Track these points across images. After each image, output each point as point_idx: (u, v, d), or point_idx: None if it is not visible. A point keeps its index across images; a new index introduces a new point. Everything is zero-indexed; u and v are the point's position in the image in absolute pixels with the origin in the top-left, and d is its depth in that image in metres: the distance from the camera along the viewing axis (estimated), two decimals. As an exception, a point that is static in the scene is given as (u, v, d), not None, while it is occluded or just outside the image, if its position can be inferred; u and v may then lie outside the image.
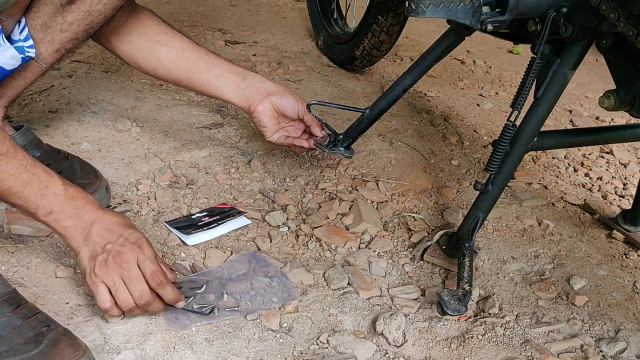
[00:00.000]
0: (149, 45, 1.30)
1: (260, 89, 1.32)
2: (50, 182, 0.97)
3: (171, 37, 1.31)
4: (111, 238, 0.97)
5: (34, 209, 0.96)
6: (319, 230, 1.27)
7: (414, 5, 1.02)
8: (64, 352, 0.87)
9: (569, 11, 1.02)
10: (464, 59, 2.31)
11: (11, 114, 1.56)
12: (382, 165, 1.54)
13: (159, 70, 1.32)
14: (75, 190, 0.99)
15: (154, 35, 1.30)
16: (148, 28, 1.30)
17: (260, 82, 1.33)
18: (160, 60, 1.30)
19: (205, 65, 1.32)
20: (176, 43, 1.31)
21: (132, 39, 1.29)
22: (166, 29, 1.31)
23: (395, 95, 1.38)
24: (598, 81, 2.28)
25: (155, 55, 1.30)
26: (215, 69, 1.32)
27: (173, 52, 1.30)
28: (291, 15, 2.64)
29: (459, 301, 1.01)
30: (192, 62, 1.31)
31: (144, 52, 1.30)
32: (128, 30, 1.28)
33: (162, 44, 1.30)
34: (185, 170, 1.43)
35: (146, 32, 1.29)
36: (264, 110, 1.32)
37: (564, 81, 1.09)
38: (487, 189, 1.14)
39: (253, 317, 1.05)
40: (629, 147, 1.77)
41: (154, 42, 1.30)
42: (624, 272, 1.24)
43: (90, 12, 1.13)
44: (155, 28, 1.30)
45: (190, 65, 1.31)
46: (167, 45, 1.30)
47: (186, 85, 1.35)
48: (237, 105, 1.34)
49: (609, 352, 1.04)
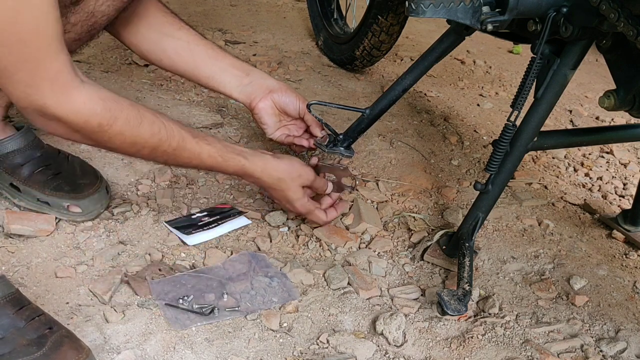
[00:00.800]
0: (155, 36, 1.29)
1: (262, 86, 1.33)
2: (215, 166, 1.11)
3: (177, 29, 1.30)
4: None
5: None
6: (319, 230, 1.27)
7: (414, 5, 1.02)
8: (67, 354, 0.87)
9: (569, 11, 1.02)
10: (464, 59, 2.31)
11: (11, 114, 1.55)
12: (382, 165, 1.54)
13: (164, 61, 1.32)
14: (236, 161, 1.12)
15: (160, 26, 1.29)
16: (155, 19, 1.29)
17: (262, 79, 1.34)
18: (165, 52, 1.30)
19: (210, 59, 1.32)
20: (182, 35, 1.30)
21: (139, 29, 1.28)
22: (173, 20, 1.31)
23: (395, 95, 1.38)
24: (598, 81, 2.28)
25: (161, 46, 1.30)
26: (220, 63, 1.33)
27: (178, 45, 1.30)
28: (291, 15, 2.64)
29: (459, 301, 1.02)
30: (197, 55, 1.31)
31: (150, 42, 1.30)
32: (135, 20, 1.27)
33: (169, 36, 1.30)
34: (185, 170, 1.43)
35: (153, 22, 1.29)
36: (264, 107, 1.32)
37: (564, 81, 1.09)
38: (487, 189, 1.14)
39: (253, 317, 1.05)
40: (629, 147, 1.77)
41: (160, 34, 1.29)
42: (624, 272, 1.25)
43: (94, 14, 1.13)
44: (162, 19, 1.30)
45: (194, 58, 1.31)
46: (173, 37, 1.30)
47: (189, 77, 1.35)
48: (239, 100, 1.35)
49: (609, 352, 1.04)
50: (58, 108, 0.89)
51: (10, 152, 1.21)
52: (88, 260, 1.14)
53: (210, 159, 1.09)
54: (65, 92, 0.89)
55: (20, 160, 1.22)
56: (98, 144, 0.99)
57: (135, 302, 1.06)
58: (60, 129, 0.94)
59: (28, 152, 1.23)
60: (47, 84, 0.87)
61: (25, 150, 1.22)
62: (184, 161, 1.07)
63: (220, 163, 1.11)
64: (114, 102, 0.95)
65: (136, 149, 1.01)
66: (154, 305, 1.05)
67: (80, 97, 0.90)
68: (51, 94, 0.88)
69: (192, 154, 1.06)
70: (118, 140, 0.97)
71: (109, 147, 1.00)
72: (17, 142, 1.22)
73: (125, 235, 1.21)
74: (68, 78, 0.89)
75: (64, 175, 1.24)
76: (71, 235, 1.19)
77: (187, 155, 1.06)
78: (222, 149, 1.10)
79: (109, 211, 1.26)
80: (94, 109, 0.92)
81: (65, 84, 0.89)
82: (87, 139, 0.97)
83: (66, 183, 1.22)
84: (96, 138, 0.96)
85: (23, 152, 1.22)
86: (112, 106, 0.94)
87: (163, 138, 1.01)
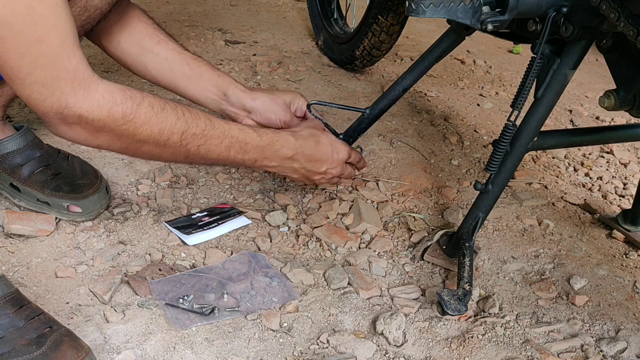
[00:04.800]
0: (135, 49, 1.27)
1: (240, 107, 1.30)
2: (247, 138, 1.08)
3: (156, 43, 1.27)
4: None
5: (240, 162, 1.10)
6: (319, 230, 1.27)
7: (414, 5, 1.02)
8: (66, 353, 0.87)
9: (569, 11, 1.02)
10: (464, 59, 2.31)
11: (11, 114, 1.56)
12: (382, 165, 1.54)
13: (147, 75, 1.30)
14: (269, 136, 1.12)
15: (140, 39, 1.26)
16: (136, 31, 1.26)
17: (238, 99, 1.30)
18: (146, 67, 1.28)
19: (187, 79, 1.29)
20: (160, 50, 1.27)
21: (120, 42, 1.26)
22: (153, 32, 1.27)
23: (395, 95, 1.39)
24: (598, 81, 2.28)
25: (141, 61, 1.27)
26: (198, 82, 1.29)
27: (157, 61, 1.27)
28: (291, 15, 2.64)
29: (459, 301, 1.02)
30: (175, 74, 1.28)
31: (132, 56, 1.27)
32: (117, 32, 1.25)
33: (148, 51, 1.27)
34: (185, 170, 1.43)
35: (133, 35, 1.26)
36: (250, 124, 1.29)
37: (564, 81, 1.09)
38: (487, 189, 1.14)
39: (253, 317, 1.05)
40: (629, 147, 1.77)
41: (140, 47, 1.27)
42: (624, 272, 1.25)
43: (87, 8, 1.12)
44: (142, 32, 1.26)
45: (173, 76, 1.28)
46: (152, 52, 1.27)
47: (173, 92, 1.33)
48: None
49: (609, 352, 1.04)
50: (79, 105, 0.87)
51: (10, 152, 1.21)
52: (88, 260, 1.14)
53: (242, 133, 1.07)
54: (85, 87, 0.87)
55: (20, 160, 1.22)
56: (126, 143, 0.95)
57: (135, 302, 1.06)
58: (83, 133, 0.91)
59: (28, 152, 1.23)
60: (67, 82, 0.85)
61: (25, 150, 1.22)
62: (215, 143, 1.03)
63: (254, 137, 1.09)
64: (133, 90, 0.93)
65: (166, 137, 0.97)
66: (154, 305, 1.05)
67: (98, 90, 0.89)
68: (71, 92, 0.85)
69: (222, 132, 1.04)
70: (145, 130, 0.94)
71: (137, 141, 0.96)
72: (16, 142, 1.22)
73: (125, 235, 1.21)
74: (86, 74, 0.87)
75: (64, 175, 1.24)
76: (71, 235, 1.19)
77: (217, 135, 1.03)
78: (251, 126, 1.12)
79: (109, 211, 1.27)
80: (114, 100, 0.90)
81: (84, 80, 0.87)
82: (114, 138, 0.94)
83: (66, 183, 1.22)
84: (122, 132, 0.93)
85: (23, 152, 1.22)
86: (132, 94, 0.92)
87: (189, 120, 0.99)
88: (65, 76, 0.85)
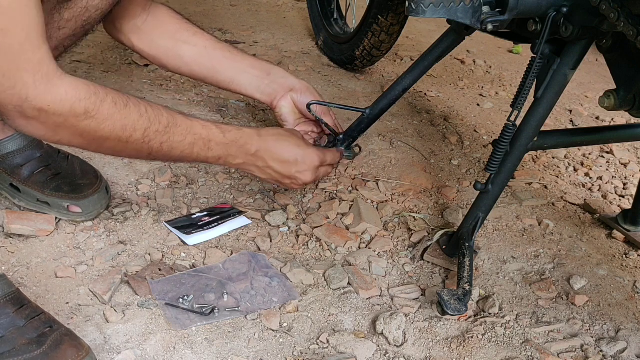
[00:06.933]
0: (170, 44, 1.28)
1: (283, 85, 1.32)
2: (210, 135, 1.07)
3: (192, 35, 1.29)
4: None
5: (204, 160, 1.09)
6: (319, 230, 1.27)
7: (414, 5, 1.02)
8: (66, 353, 0.88)
9: (569, 11, 1.02)
10: (464, 59, 2.31)
11: (11, 114, 1.56)
12: (382, 165, 1.54)
13: (183, 68, 1.31)
14: (233, 133, 1.11)
15: (174, 33, 1.28)
16: (169, 26, 1.28)
17: (283, 78, 1.33)
18: (183, 59, 1.29)
19: (228, 63, 1.31)
20: (198, 41, 1.29)
21: (153, 38, 1.27)
22: (187, 26, 1.29)
23: (395, 95, 1.39)
24: (598, 81, 2.28)
25: (177, 54, 1.28)
26: (239, 65, 1.31)
27: (195, 51, 1.29)
28: (291, 15, 2.64)
29: (459, 301, 1.02)
30: (215, 60, 1.30)
31: (166, 50, 1.28)
32: (148, 29, 1.26)
33: (184, 42, 1.28)
34: (185, 170, 1.43)
35: (167, 30, 1.27)
36: (284, 104, 1.32)
37: (564, 81, 1.09)
38: (487, 189, 1.14)
39: (253, 317, 1.05)
40: (629, 147, 1.77)
41: (175, 41, 1.28)
42: (624, 272, 1.25)
43: (87, 8, 1.12)
44: (176, 26, 1.28)
45: (213, 63, 1.30)
46: (189, 44, 1.28)
47: (210, 82, 1.34)
48: (261, 101, 1.34)
49: (609, 352, 1.04)
50: (40, 98, 0.85)
51: (10, 152, 1.21)
52: (88, 260, 1.14)
53: (206, 130, 1.06)
54: (48, 81, 0.85)
55: (20, 160, 1.22)
56: (87, 139, 0.94)
57: (135, 302, 1.06)
58: (42, 128, 0.89)
59: (28, 152, 1.23)
60: (29, 75, 0.83)
61: (25, 150, 1.22)
62: (178, 140, 1.02)
63: (217, 134, 1.08)
64: (97, 87, 0.92)
65: (128, 134, 0.95)
66: (154, 305, 1.05)
67: (63, 85, 0.87)
68: (33, 85, 0.84)
69: (185, 129, 1.03)
70: (108, 127, 0.93)
71: (99, 138, 0.94)
72: (16, 142, 1.22)
73: (125, 235, 1.21)
74: (51, 68, 0.86)
75: (64, 175, 1.24)
76: (71, 235, 1.19)
77: (180, 132, 1.02)
78: (215, 122, 1.10)
79: (109, 211, 1.27)
80: (78, 95, 0.88)
81: (48, 74, 0.85)
82: (74, 134, 0.92)
83: (66, 183, 1.22)
84: (84, 128, 0.91)
85: (23, 152, 1.22)
86: (96, 90, 0.91)
87: (152, 117, 0.98)
88: (28, 68, 0.83)
